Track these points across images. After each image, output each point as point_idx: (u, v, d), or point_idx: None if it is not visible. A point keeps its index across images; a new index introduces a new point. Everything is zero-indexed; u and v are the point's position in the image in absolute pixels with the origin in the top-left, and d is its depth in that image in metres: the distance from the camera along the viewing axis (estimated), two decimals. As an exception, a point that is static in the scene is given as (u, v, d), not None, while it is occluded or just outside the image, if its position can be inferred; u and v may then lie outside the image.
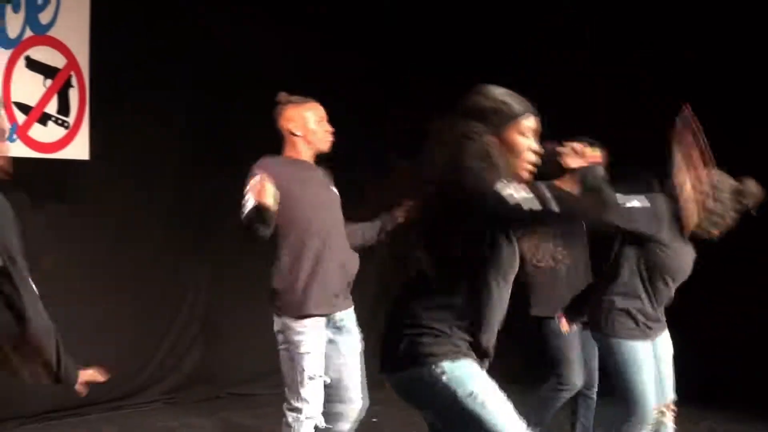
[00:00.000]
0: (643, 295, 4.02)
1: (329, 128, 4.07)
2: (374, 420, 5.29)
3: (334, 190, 4.15)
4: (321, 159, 4.15)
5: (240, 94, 6.28)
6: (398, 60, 7.02)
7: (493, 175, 2.64)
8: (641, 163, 4.05)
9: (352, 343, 4.04)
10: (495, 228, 2.66)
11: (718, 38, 6.28)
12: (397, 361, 2.74)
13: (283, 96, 4.08)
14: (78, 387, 2.85)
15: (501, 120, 2.70)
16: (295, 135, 3.99)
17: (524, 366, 5.41)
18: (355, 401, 4.06)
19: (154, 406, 6.13)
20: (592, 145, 4.33)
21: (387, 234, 3.99)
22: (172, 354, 6.39)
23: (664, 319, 4.13)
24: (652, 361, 4.03)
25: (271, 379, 5.81)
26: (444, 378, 2.64)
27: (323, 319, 3.92)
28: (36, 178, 5.21)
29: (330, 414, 4.04)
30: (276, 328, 3.99)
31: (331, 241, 3.96)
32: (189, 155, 6.35)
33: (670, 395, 4.09)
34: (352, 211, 4.14)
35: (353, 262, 4.08)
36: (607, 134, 4.61)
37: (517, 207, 2.53)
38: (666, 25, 6.50)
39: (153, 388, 6.24)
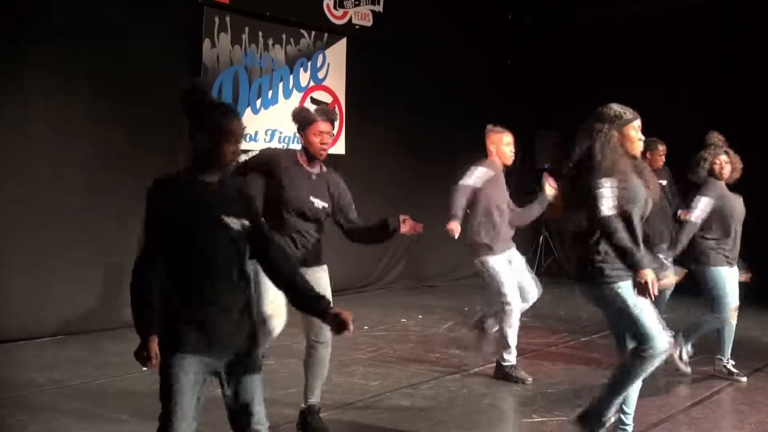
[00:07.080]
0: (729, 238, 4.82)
1: (513, 150, 4.84)
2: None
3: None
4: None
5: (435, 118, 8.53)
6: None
7: (609, 162, 3.14)
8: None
9: (519, 263, 4.96)
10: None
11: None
12: (587, 277, 3.29)
13: (490, 125, 4.86)
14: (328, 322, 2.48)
15: (622, 122, 3.28)
16: (491, 151, 4.85)
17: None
18: (532, 291, 4.98)
19: (377, 292, 8.48)
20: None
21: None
22: (389, 263, 8.84)
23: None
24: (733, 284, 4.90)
25: (442, 278, 8.68)
26: (619, 292, 3.21)
27: (504, 254, 4.88)
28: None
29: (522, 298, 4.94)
30: (477, 261, 4.83)
31: (503, 213, 4.84)
32: (396, 151, 8.75)
33: (736, 302, 4.96)
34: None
35: (511, 225, 4.94)
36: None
37: (598, 207, 3.14)
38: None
39: (377, 282, 8.67)
